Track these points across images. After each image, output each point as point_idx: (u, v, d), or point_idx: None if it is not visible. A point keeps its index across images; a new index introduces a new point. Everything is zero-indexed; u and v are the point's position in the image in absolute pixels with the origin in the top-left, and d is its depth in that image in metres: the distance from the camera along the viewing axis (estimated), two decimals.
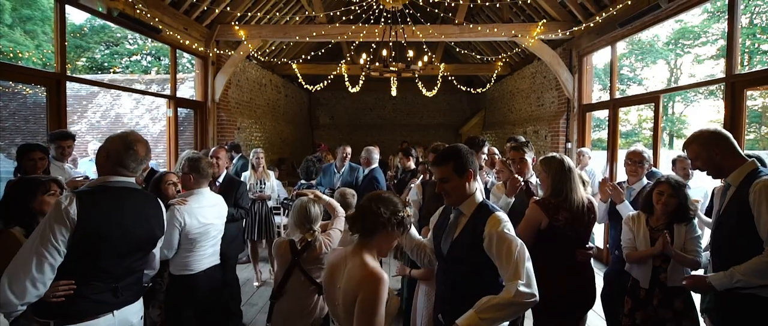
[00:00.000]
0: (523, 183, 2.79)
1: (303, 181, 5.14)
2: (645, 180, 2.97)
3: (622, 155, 4.60)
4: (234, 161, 5.47)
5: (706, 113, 22.99)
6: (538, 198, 2.37)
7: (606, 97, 6.83)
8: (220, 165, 3.69)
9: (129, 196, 1.79)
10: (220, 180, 3.66)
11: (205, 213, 2.49)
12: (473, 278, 1.71)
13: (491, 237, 1.61)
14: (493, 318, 1.44)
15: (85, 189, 1.71)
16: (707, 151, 1.93)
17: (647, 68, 23.22)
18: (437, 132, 13.54)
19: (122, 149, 1.75)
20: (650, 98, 5.45)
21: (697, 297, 2.39)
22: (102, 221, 1.66)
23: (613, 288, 2.80)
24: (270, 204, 4.83)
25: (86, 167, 4.88)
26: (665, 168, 3.88)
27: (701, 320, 2.28)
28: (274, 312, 2.26)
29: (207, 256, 2.55)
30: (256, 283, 4.68)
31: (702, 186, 3.24)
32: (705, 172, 2.00)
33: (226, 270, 3.45)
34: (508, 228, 1.64)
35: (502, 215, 1.70)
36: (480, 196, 1.79)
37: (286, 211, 5.70)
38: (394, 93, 8.74)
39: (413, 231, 2.04)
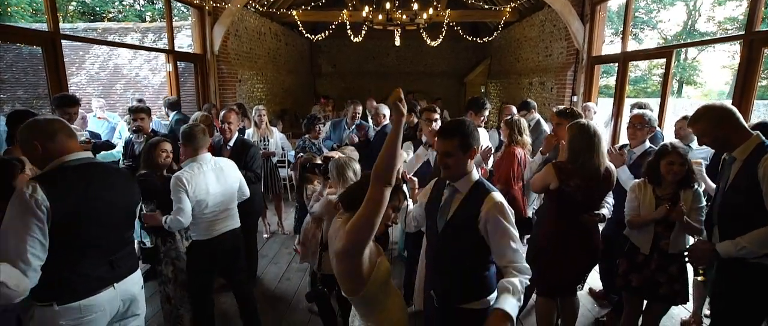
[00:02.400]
0: (558, 142, 2.91)
1: (306, 136, 5.17)
2: (647, 144, 2.98)
3: (628, 106, 4.50)
4: (170, 118, 5.09)
5: (719, 59, 22.23)
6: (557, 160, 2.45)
7: (617, 41, 6.59)
8: (232, 129, 3.58)
9: (95, 169, 1.73)
10: (232, 143, 3.58)
11: (208, 180, 2.51)
12: (465, 256, 1.72)
13: (487, 219, 1.61)
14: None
15: (45, 174, 1.61)
16: (714, 128, 1.92)
17: (664, 10, 22.03)
18: (442, 81, 13.27)
19: (48, 127, 1.63)
20: (662, 53, 5.27)
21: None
22: (77, 198, 1.61)
23: (608, 245, 2.93)
24: (274, 159, 4.89)
25: (94, 125, 4.77)
26: (671, 122, 3.81)
27: (690, 282, 2.40)
28: (322, 260, 2.50)
29: (221, 220, 2.61)
30: (265, 235, 4.92)
31: (705, 148, 3.22)
32: (711, 147, 2.00)
33: (249, 231, 3.57)
34: (504, 210, 1.64)
35: (498, 195, 1.68)
36: (476, 174, 1.78)
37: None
38: (397, 42, 8.46)
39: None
